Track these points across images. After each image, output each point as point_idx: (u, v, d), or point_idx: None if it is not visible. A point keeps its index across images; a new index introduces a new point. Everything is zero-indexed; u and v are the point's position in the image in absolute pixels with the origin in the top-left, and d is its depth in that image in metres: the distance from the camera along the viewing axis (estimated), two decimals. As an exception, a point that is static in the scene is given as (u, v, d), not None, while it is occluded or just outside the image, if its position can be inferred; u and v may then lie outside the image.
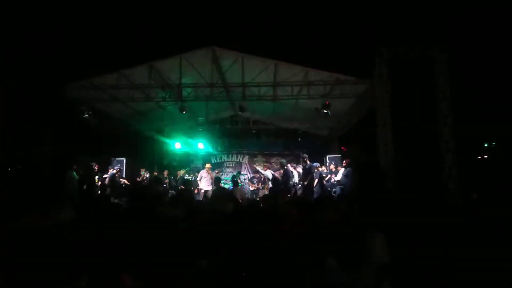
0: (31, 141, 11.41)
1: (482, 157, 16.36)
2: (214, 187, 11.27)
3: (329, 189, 12.80)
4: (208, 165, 14.01)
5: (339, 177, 12.45)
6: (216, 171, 15.57)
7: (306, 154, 12.48)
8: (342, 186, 11.95)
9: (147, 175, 14.67)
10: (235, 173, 15.70)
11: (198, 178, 13.51)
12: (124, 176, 14.71)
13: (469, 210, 6.35)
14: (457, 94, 10.49)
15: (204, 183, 13.10)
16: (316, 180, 11.83)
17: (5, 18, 8.81)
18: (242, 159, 18.00)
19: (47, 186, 11.23)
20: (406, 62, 10.49)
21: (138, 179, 14.52)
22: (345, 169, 12.20)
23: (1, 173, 9.05)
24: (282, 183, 11.79)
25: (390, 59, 10.44)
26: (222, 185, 13.29)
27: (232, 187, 12.31)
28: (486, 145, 15.03)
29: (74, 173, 11.84)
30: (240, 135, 17.79)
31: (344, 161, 12.66)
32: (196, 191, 13.33)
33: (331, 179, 13.10)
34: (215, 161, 17.92)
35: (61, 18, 12.74)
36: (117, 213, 4.94)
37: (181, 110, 11.84)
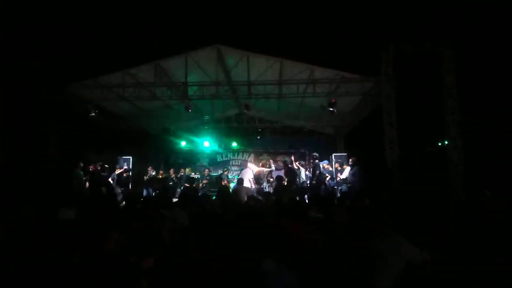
0: (37, 140, 11.46)
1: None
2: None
3: (335, 187, 12.79)
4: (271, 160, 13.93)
5: (345, 175, 12.41)
6: (225, 170, 15.62)
7: (316, 153, 12.53)
8: (349, 185, 11.91)
9: (153, 173, 14.73)
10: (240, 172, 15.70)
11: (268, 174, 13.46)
12: (131, 174, 14.77)
13: (482, 208, 6.31)
14: (464, 91, 10.39)
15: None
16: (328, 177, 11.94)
17: (9, 16, 8.86)
18: (248, 157, 17.98)
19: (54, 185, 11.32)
20: (413, 59, 10.42)
21: (145, 177, 14.58)
22: (351, 168, 12.15)
23: (6, 172, 9.10)
24: (288, 181, 11.79)
25: (396, 56, 10.37)
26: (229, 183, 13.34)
27: (236, 185, 12.29)
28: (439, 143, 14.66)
29: (81, 172, 11.92)
30: (246, 133, 17.76)
31: (350, 159, 12.62)
32: None
33: (337, 178, 13.07)
34: (221, 159, 17.95)
35: (66, 17, 12.79)
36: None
37: (187, 109, 11.85)
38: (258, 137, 17.87)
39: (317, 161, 12.60)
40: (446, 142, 10.68)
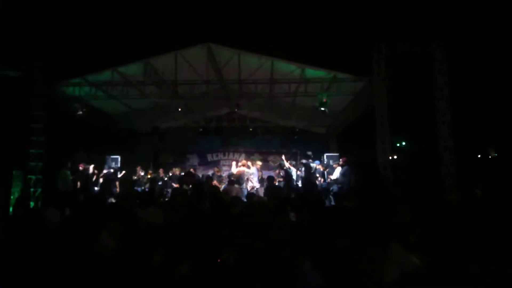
0: (25, 138, 11.24)
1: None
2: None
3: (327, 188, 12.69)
4: (259, 162, 13.67)
5: (335, 175, 12.31)
6: (217, 169, 15.46)
7: (310, 152, 12.48)
8: (339, 185, 11.82)
9: (142, 173, 14.49)
10: (229, 172, 15.56)
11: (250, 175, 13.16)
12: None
13: (473, 207, 6.31)
14: (456, 92, 10.41)
15: (256, 181, 12.75)
16: (321, 179, 11.88)
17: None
18: (239, 157, 17.83)
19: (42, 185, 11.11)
20: (405, 59, 10.40)
21: (134, 177, 14.33)
22: (342, 168, 12.06)
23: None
24: (285, 182, 11.74)
25: (388, 56, 10.34)
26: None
27: (227, 185, 12.14)
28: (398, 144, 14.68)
29: (68, 171, 11.68)
30: (237, 133, 17.64)
31: (340, 159, 12.54)
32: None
33: (327, 178, 12.96)
34: (212, 159, 17.76)
35: (55, 15, 12.55)
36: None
37: (177, 107, 11.68)
38: (250, 137, 17.75)
39: (310, 160, 12.48)
40: (404, 143, 10.71)
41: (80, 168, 12.32)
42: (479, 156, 12.28)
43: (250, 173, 12.41)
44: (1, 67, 9.68)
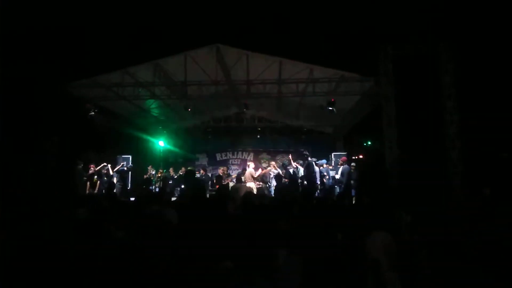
0: (37, 139, 11.46)
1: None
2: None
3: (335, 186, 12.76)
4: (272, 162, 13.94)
5: (338, 175, 12.34)
6: (222, 169, 15.63)
7: (307, 152, 12.49)
8: (341, 185, 11.88)
9: (153, 172, 14.75)
10: (240, 171, 15.73)
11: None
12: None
13: (482, 205, 6.32)
14: (463, 92, 10.39)
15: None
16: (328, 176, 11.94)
17: (9, 15, 8.85)
18: (247, 157, 18.02)
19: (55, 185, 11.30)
20: (412, 59, 10.40)
21: (145, 176, 14.57)
22: (342, 167, 12.12)
23: (7, 171, 9.09)
24: (289, 181, 11.81)
25: (395, 56, 10.37)
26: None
27: (236, 183, 12.27)
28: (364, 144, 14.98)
29: (81, 171, 11.91)
30: (245, 132, 17.81)
31: (340, 159, 12.62)
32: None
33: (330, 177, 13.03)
34: (220, 158, 17.97)
35: (65, 16, 12.79)
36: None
37: (186, 108, 11.85)
38: (258, 136, 17.92)
39: (309, 159, 12.51)
40: (369, 143, 10.68)
41: (91, 168, 12.56)
42: (487, 155, 12.20)
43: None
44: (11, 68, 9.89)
